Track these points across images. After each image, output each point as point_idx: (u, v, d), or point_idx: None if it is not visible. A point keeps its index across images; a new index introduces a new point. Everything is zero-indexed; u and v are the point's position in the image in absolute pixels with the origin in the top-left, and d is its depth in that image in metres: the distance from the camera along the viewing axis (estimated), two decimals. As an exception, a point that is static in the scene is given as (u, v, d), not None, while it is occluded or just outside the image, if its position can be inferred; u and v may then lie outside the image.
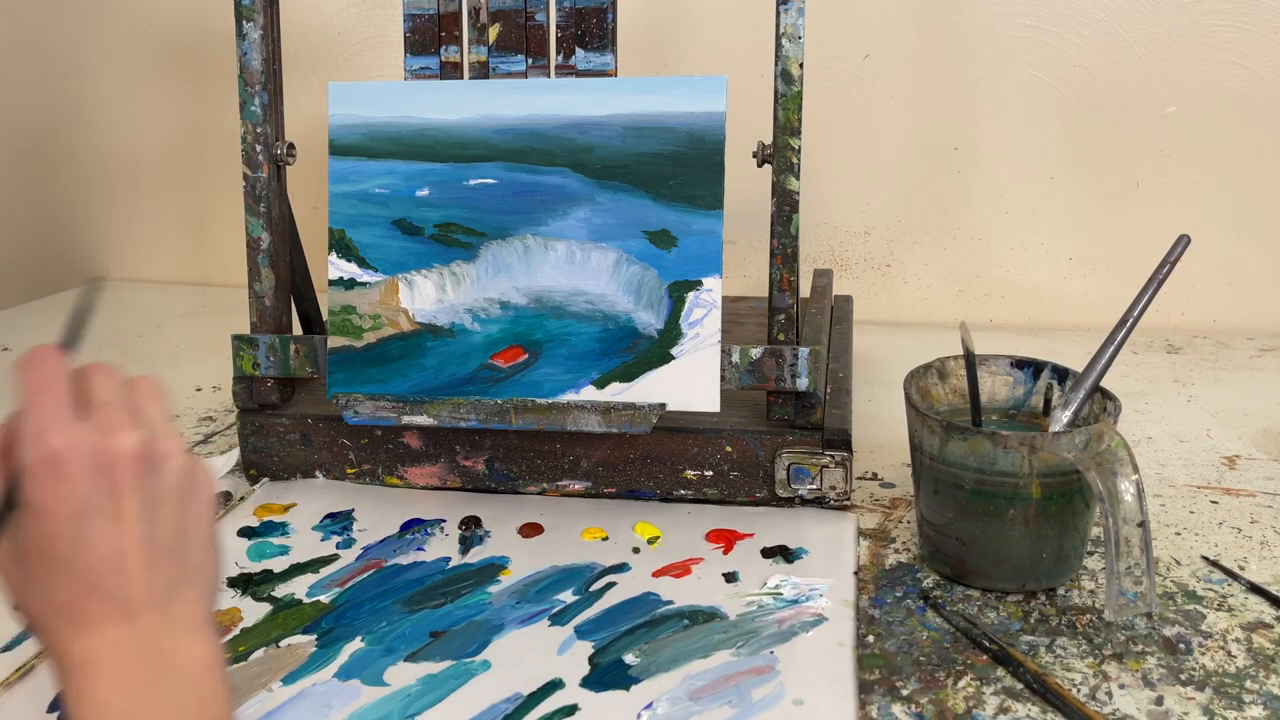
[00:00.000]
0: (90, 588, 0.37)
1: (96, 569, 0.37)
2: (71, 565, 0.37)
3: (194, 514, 0.40)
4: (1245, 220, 0.99)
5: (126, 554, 0.38)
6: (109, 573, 0.37)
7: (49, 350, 0.42)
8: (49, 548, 0.37)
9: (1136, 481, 0.49)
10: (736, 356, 0.62)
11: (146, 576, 0.38)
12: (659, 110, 0.62)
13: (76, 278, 1.30)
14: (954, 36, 1.00)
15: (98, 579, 0.37)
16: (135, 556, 0.38)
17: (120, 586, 0.37)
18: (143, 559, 0.38)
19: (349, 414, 0.63)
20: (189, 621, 0.39)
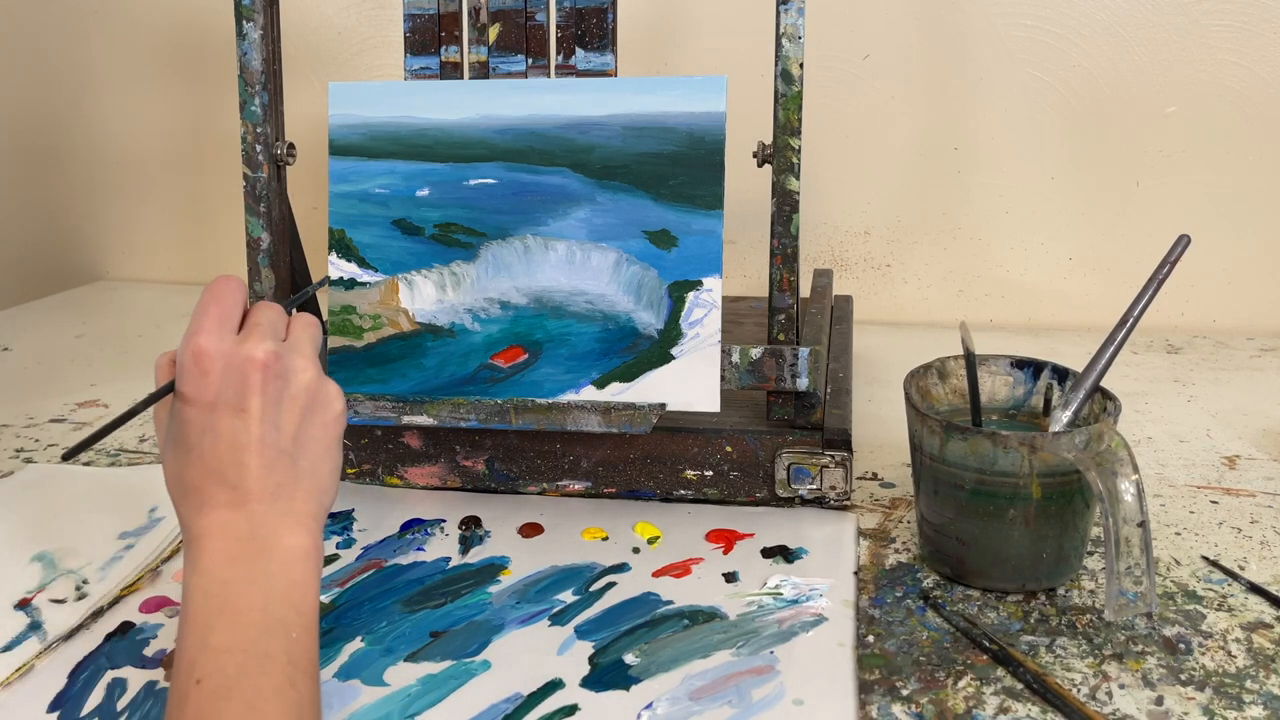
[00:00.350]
0: (211, 472, 0.44)
1: (220, 457, 0.44)
2: (200, 451, 0.44)
3: (315, 425, 0.47)
4: (1245, 220, 0.99)
5: (246, 448, 0.44)
6: (229, 462, 0.44)
7: (232, 279, 0.48)
8: (186, 433, 0.44)
9: (1136, 481, 0.49)
10: (736, 356, 0.62)
11: (260, 470, 0.44)
12: (659, 110, 0.62)
13: (76, 278, 1.30)
14: (954, 36, 1.00)
15: (219, 466, 0.44)
16: (253, 451, 0.44)
17: (237, 476, 0.43)
18: (259, 454, 0.44)
19: (349, 414, 0.63)
20: (293, 516, 0.44)
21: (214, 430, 0.44)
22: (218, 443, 0.44)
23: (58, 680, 0.50)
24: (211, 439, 0.44)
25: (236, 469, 0.44)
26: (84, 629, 0.54)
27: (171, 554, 0.61)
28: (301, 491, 0.45)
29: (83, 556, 0.61)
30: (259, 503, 0.44)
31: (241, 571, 0.42)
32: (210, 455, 0.44)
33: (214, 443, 0.44)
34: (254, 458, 0.44)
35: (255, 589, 0.42)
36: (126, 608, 0.56)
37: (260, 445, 0.44)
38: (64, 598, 0.57)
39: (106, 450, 0.77)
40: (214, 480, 0.43)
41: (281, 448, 0.45)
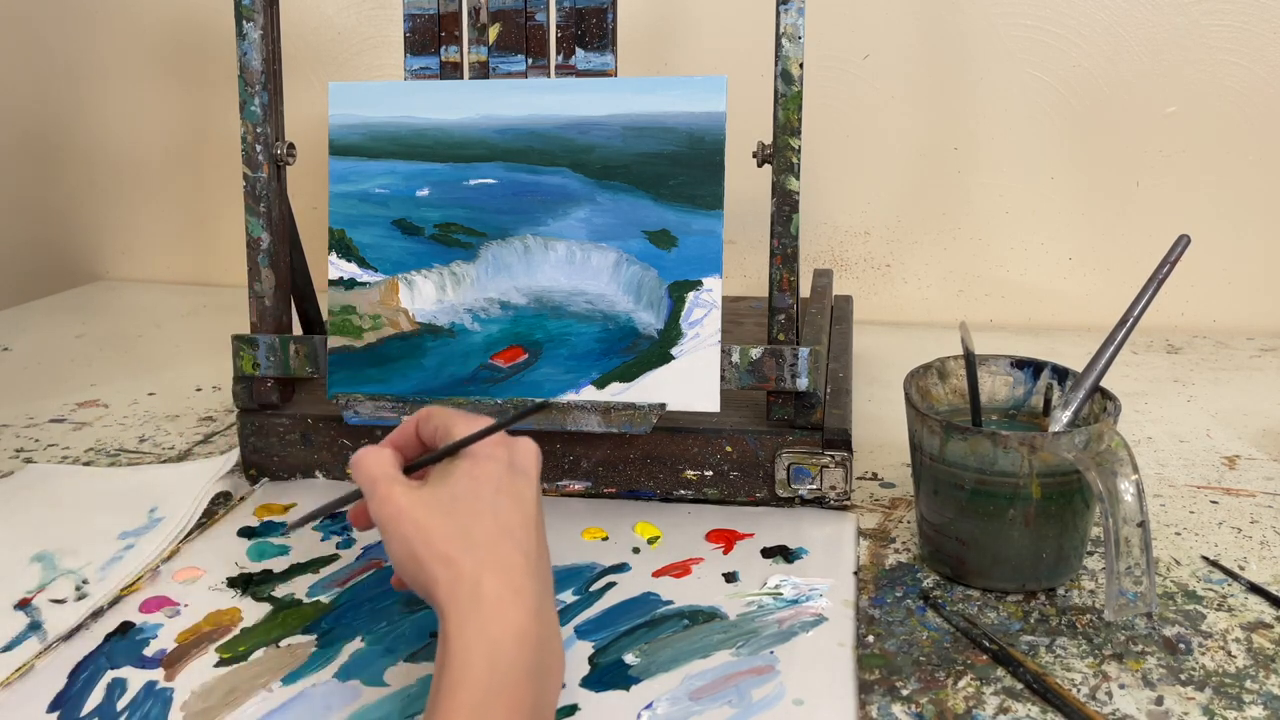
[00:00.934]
0: (505, 533, 0.44)
1: (511, 520, 0.45)
2: (495, 510, 0.45)
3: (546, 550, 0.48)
4: (1245, 220, 0.99)
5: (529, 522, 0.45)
6: (519, 525, 0.45)
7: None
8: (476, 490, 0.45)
9: (1136, 481, 0.49)
10: (736, 356, 0.62)
11: (539, 548, 0.45)
12: (659, 110, 0.62)
13: (76, 278, 1.30)
14: (954, 36, 1.00)
15: (509, 527, 0.45)
16: (534, 529, 0.46)
17: (525, 541, 0.44)
18: (538, 535, 0.46)
19: (349, 414, 0.63)
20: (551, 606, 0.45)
21: (504, 491, 0.45)
22: (512, 505, 0.45)
23: (58, 680, 0.50)
24: (506, 497, 0.45)
25: (524, 533, 0.45)
26: (84, 629, 0.54)
27: (172, 554, 0.61)
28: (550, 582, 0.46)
29: (83, 556, 0.61)
30: (539, 578, 0.44)
31: (528, 658, 0.41)
32: (506, 516, 0.45)
33: (509, 505, 0.45)
34: (536, 530, 0.46)
35: (531, 685, 0.41)
36: (126, 608, 0.56)
37: (538, 520, 0.46)
38: (64, 598, 0.57)
39: (106, 450, 0.77)
40: (504, 540, 0.44)
41: (543, 534, 0.47)
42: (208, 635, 0.53)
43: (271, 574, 0.59)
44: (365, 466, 0.47)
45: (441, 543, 0.43)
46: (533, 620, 0.42)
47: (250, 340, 0.67)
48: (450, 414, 0.49)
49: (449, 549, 0.43)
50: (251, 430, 0.69)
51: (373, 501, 0.46)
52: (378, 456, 0.48)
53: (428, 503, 0.45)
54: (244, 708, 0.48)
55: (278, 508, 0.67)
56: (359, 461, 0.48)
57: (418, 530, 0.44)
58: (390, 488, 0.46)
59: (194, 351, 1.00)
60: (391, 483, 0.46)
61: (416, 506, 0.45)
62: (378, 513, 0.45)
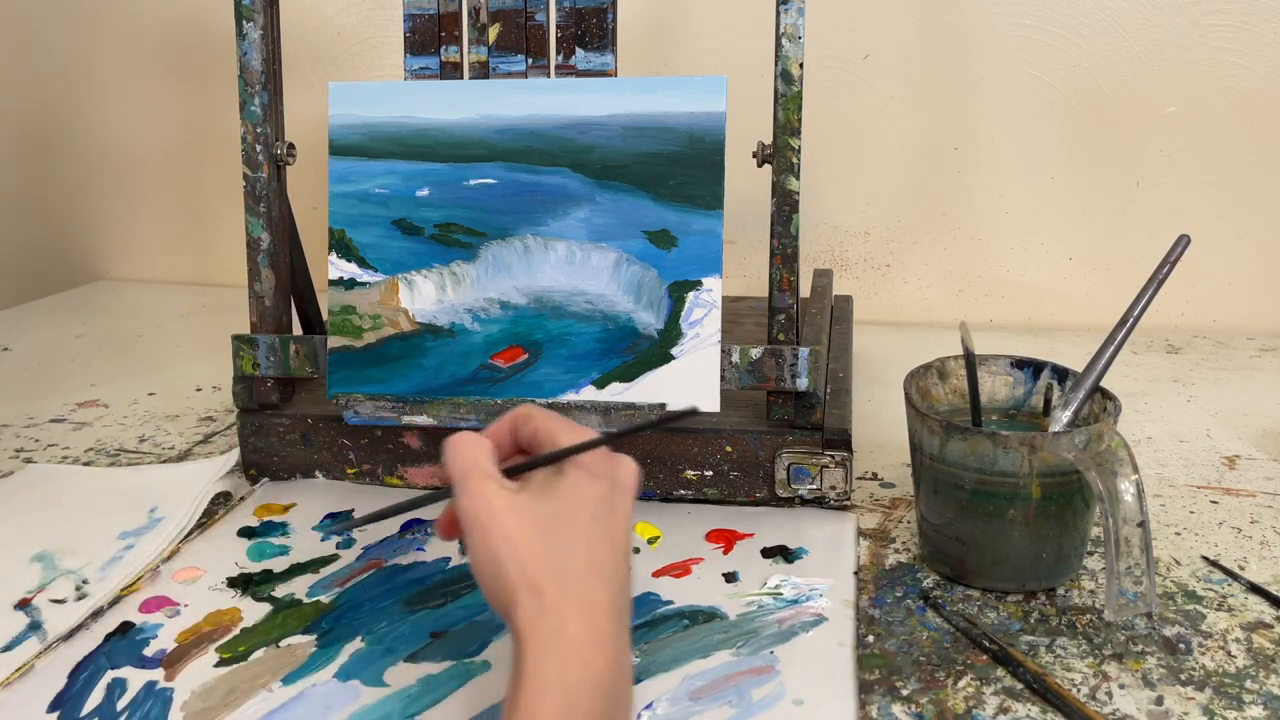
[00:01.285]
0: (591, 563, 0.41)
1: (599, 547, 0.42)
2: (589, 537, 0.42)
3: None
4: (1245, 220, 0.99)
5: (619, 556, 0.42)
6: (608, 564, 0.42)
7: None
8: (576, 514, 0.42)
9: (1136, 481, 0.49)
10: (736, 356, 0.62)
11: (624, 584, 0.42)
12: (659, 110, 0.62)
13: (76, 278, 1.30)
14: (954, 36, 1.00)
15: (597, 557, 0.41)
16: (623, 563, 0.43)
17: (613, 579, 0.41)
18: (626, 568, 0.43)
19: (349, 414, 0.63)
20: (629, 640, 0.42)
21: (600, 518, 0.42)
22: (604, 535, 0.42)
23: (58, 680, 0.50)
24: (602, 525, 0.42)
25: (613, 568, 0.41)
26: (84, 629, 0.54)
27: (172, 554, 0.61)
28: (630, 611, 0.43)
29: (83, 556, 0.61)
30: (620, 618, 0.41)
31: (601, 708, 0.38)
32: (598, 547, 0.41)
33: (602, 534, 0.42)
34: (624, 564, 0.42)
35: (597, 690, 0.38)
36: (126, 608, 0.56)
37: (627, 551, 0.43)
38: (64, 598, 0.57)
39: (106, 450, 0.77)
40: (594, 576, 0.40)
41: (630, 561, 0.44)
42: (208, 635, 0.53)
43: (271, 574, 0.59)
44: (462, 452, 0.43)
45: (533, 567, 0.40)
46: (611, 668, 0.39)
47: (250, 340, 0.67)
48: (552, 418, 0.46)
49: (539, 577, 0.40)
50: (251, 430, 0.69)
51: (464, 495, 0.42)
52: (477, 445, 0.44)
53: (524, 515, 0.41)
54: (244, 708, 0.48)
55: (278, 508, 0.67)
56: (455, 444, 0.44)
57: (510, 545, 0.40)
58: (484, 484, 0.42)
59: (194, 351, 1.00)
60: (487, 478, 0.42)
61: (511, 515, 0.41)
62: (468, 508, 0.42)
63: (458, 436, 0.44)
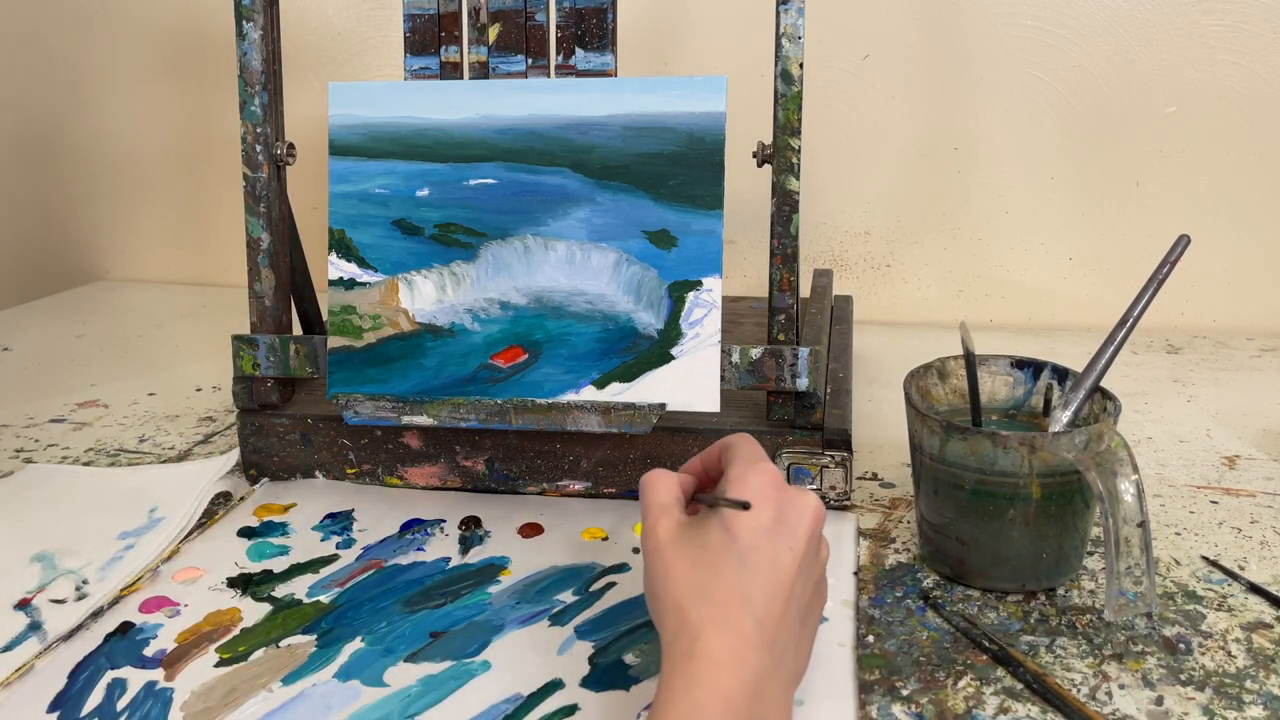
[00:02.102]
0: (737, 594, 0.41)
1: (752, 582, 0.42)
2: (742, 566, 0.42)
3: (813, 617, 0.46)
4: (1245, 220, 1.00)
5: (782, 586, 0.43)
6: (759, 591, 0.42)
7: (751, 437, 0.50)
8: (724, 544, 0.43)
9: (1136, 481, 0.49)
10: (736, 356, 0.62)
11: (779, 621, 0.42)
12: (659, 110, 0.62)
13: (76, 278, 1.30)
14: (954, 36, 1.00)
15: (747, 591, 0.42)
16: (781, 599, 0.42)
17: (764, 610, 0.41)
18: (784, 607, 0.42)
19: (349, 414, 0.63)
20: (782, 688, 0.41)
21: (757, 550, 0.43)
22: (760, 566, 0.42)
23: (57, 680, 0.50)
24: (755, 556, 0.43)
25: (766, 601, 0.42)
26: (84, 629, 0.54)
27: (172, 554, 0.61)
28: (789, 671, 0.43)
29: (83, 556, 0.61)
30: (769, 651, 0.41)
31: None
32: (749, 578, 0.42)
33: (756, 565, 0.42)
34: (780, 604, 0.42)
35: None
36: (126, 608, 0.56)
37: (789, 599, 0.43)
38: (64, 598, 0.57)
39: (106, 450, 0.77)
40: (738, 603, 0.41)
41: (798, 613, 0.44)
42: (208, 635, 0.53)
43: (271, 574, 0.59)
44: (647, 492, 0.48)
45: (679, 590, 0.42)
46: (747, 695, 0.38)
47: (250, 340, 0.67)
48: (742, 447, 0.48)
49: (683, 598, 0.42)
50: (251, 430, 0.69)
51: (644, 528, 0.46)
52: (663, 484, 0.48)
53: (682, 545, 0.44)
54: (244, 708, 0.48)
55: (278, 508, 0.67)
56: (646, 485, 0.48)
57: (664, 570, 0.43)
58: (658, 520, 0.46)
59: (194, 351, 1.00)
60: (661, 514, 0.46)
61: (670, 545, 0.44)
62: (644, 541, 0.46)
63: (652, 474, 0.48)
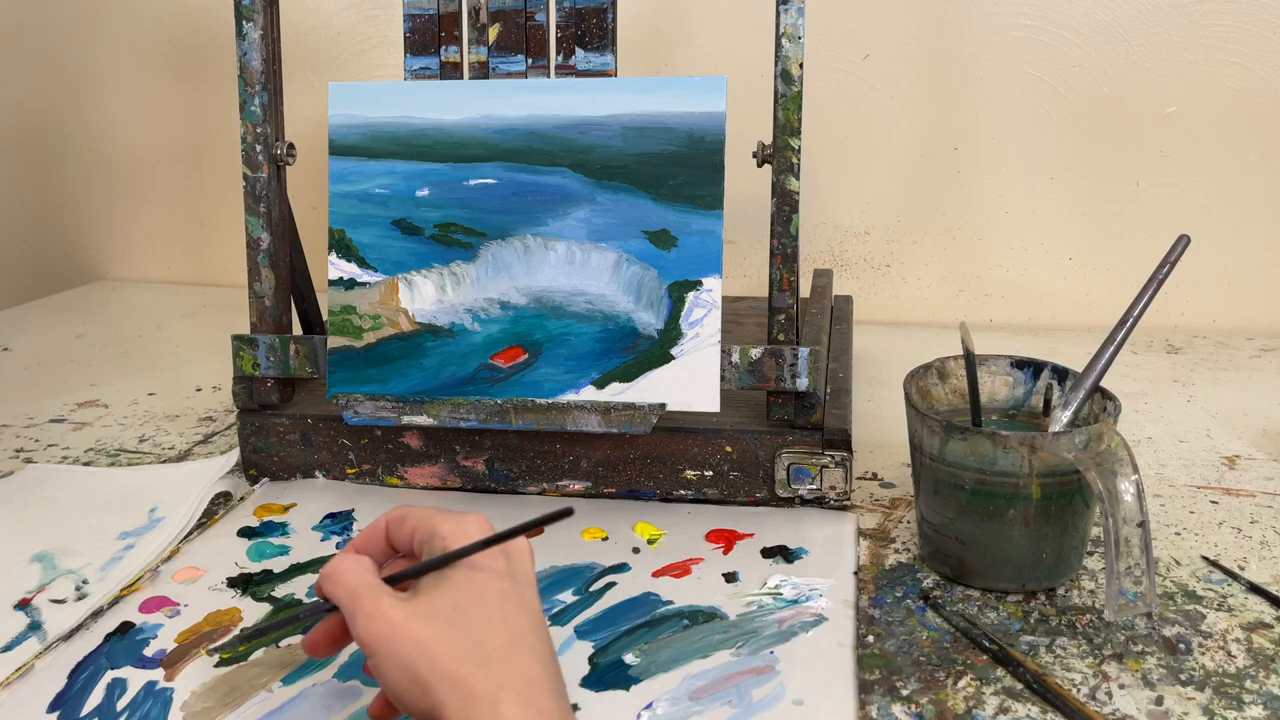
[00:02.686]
0: (519, 641, 0.39)
1: (522, 626, 0.40)
2: (504, 616, 0.40)
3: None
4: (1245, 220, 0.99)
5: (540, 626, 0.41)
6: (530, 631, 0.40)
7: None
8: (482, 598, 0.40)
9: (1136, 481, 0.49)
10: (736, 356, 0.62)
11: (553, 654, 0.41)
12: (659, 110, 0.62)
13: (76, 278, 1.30)
14: (954, 36, 1.00)
15: (521, 633, 0.40)
16: (545, 633, 0.41)
17: (542, 650, 0.40)
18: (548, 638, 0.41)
19: (349, 414, 0.63)
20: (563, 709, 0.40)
21: (510, 596, 0.40)
22: (520, 611, 0.40)
23: (57, 680, 0.50)
24: (514, 602, 0.40)
25: (540, 641, 0.40)
26: (84, 629, 0.54)
27: (172, 554, 0.61)
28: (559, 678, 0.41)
29: (83, 556, 0.61)
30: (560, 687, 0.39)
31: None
32: (517, 624, 0.40)
33: (517, 610, 0.40)
34: (546, 634, 0.41)
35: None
36: (126, 608, 0.56)
37: (543, 621, 0.41)
38: (64, 598, 0.57)
39: (106, 450, 0.77)
40: (522, 653, 0.39)
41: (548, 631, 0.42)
42: (208, 635, 0.53)
43: (271, 574, 0.59)
44: (343, 579, 0.42)
45: (449, 660, 0.38)
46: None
47: (250, 340, 0.67)
48: (430, 514, 0.44)
49: (458, 667, 0.37)
50: (251, 430, 0.69)
51: (358, 619, 0.40)
52: (356, 565, 0.42)
53: (426, 615, 0.39)
54: (244, 708, 0.48)
55: (278, 508, 0.67)
56: (335, 574, 0.42)
57: (418, 648, 0.38)
58: (378, 601, 0.40)
59: (194, 351, 1.00)
60: (379, 595, 0.40)
61: (413, 620, 0.39)
62: (366, 631, 0.40)
63: (333, 563, 0.43)
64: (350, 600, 0.41)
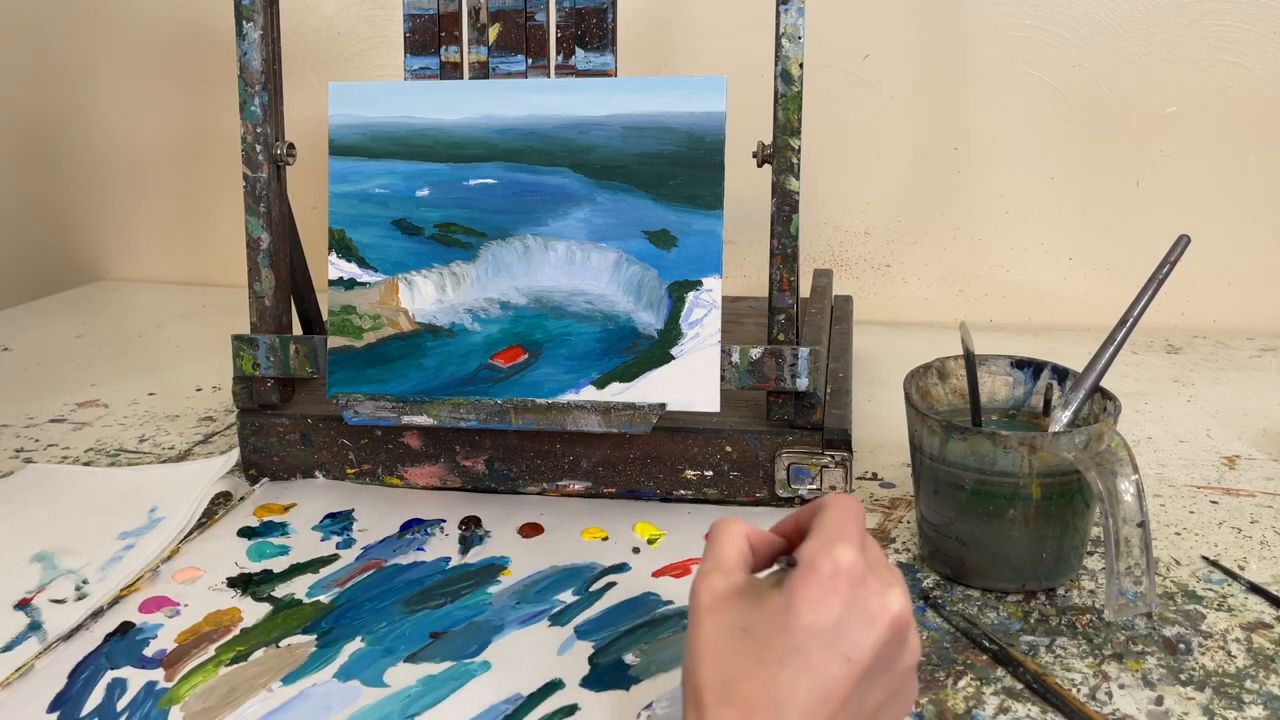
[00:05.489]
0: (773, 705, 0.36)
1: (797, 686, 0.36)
2: (780, 663, 0.36)
3: (892, 710, 0.39)
4: (1245, 220, 0.99)
5: (820, 708, 0.36)
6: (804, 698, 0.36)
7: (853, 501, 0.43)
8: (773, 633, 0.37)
9: (1136, 481, 0.49)
10: (736, 356, 0.62)
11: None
12: (659, 110, 0.62)
13: (76, 278, 1.30)
14: (954, 36, 1.00)
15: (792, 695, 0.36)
16: (837, 703, 0.36)
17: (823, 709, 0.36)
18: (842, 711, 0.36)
19: (349, 414, 0.63)
20: None
21: (806, 654, 0.36)
22: (801, 676, 0.36)
23: (57, 680, 0.50)
24: (801, 661, 0.36)
25: (826, 705, 0.36)
26: (84, 629, 0.54)
27: (172, 554, 0.61)
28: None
29: (83, 556, 0.61)
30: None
31: None
32: (786, 685, 0.36)
33: (802, 667, 0.36)
34: (839, 701, 0.36)
35: None
36: (126, 608, 0.56)
37: (842, 707, 0.36)
38: (64, 598, 0.57)
39: (106, 450, 0.77)
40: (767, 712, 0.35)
41: (865, 715, 0.38)
42: (208, 635, 0.53)
43: (271, 574, 0.59)
44: (710, 542, 0.42)
45: (705, 673, 0.37)
46: None
47: (250, 340, 0.67)
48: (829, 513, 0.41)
49: (705, 686, 0.36)
50: (251, 430, 0.69)
51: (693, 583, 0.40)
52: (729, 536, 0.42)
53: (721, 617, 0.38)
54: (244, 708, 0.48)
55: (278, 508, 0.67)
56: (712, 533, 0.42)
57: (696, 643, 0.38)
58: (705, 578, 0.40)
59: (194, 351, 1.00)
60: (711, 571, 0.40)
61: (709, 614, 0.38)
62: (691, 594, 0.40)
63: (720, 522, 0.42)
64: (702, 560, 0.41)
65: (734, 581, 0.40)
